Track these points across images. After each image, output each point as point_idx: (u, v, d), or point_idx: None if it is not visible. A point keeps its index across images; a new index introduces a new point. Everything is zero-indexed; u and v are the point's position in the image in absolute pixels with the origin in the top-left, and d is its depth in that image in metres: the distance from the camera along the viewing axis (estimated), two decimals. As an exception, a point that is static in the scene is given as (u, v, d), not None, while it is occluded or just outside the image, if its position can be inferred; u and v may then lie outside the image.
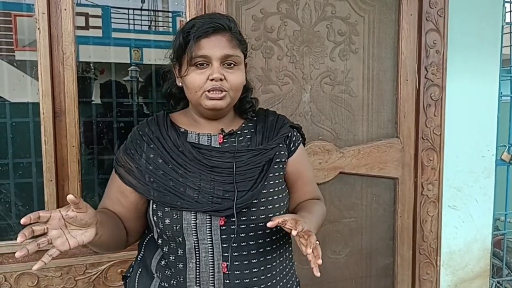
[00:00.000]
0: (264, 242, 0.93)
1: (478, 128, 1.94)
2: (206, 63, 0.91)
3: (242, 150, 0.95)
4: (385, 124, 1.75)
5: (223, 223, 0.90)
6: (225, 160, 0.93)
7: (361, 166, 1.70)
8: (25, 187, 1.49)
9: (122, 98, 1.74)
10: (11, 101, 1.55)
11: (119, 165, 0.96)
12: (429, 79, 1.75)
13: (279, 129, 1.01)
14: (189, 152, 0.93)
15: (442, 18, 1.74)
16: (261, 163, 0.95)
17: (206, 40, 0.91)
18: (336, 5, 1.63)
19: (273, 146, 0.98)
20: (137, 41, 1.84)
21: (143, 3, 1.90)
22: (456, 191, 1.94)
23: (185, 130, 0.98)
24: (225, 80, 0.91)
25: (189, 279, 0.91)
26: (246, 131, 1.01)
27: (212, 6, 1.46)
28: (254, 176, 0.93)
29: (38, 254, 1.37)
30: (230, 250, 0.90)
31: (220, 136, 0.97)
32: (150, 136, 0.96)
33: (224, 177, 0.92)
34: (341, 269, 1.74)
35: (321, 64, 1.63)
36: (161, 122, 0.98)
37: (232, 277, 0.90)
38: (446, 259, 1.93)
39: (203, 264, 0.90)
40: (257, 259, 0.92)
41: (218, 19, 0.93)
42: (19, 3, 1.53)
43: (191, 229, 0.89)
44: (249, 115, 1.03)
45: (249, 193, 0.90)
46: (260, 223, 0.91)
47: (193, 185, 0.91)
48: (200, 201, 0.89)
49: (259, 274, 0.92)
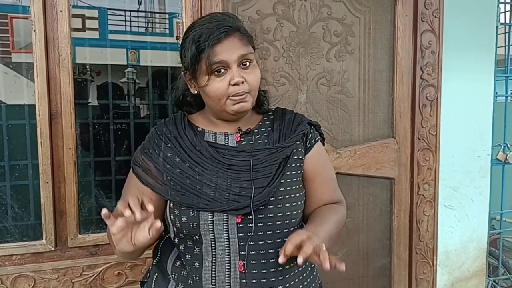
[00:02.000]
0: (281, 242, 0.91)
1: (474, 128, 1.95)
2: (224, 68, 0.91)
3: (259, 148, 0.95)
4: (381, 124, 1.76)
5: (240, 221, 0.89)
6: (242, 159, 0.93)
7: (357, 166, 1.71)
8: (21, 189, 1.49)
9: (119, 100, 1.74)
10: (7, 103, 1.55)
11: (136, 165, 0.96)
12: (425, 79, 1.76)
13: (296, 126, 1.00)
14: (206, 150, 0.94)
15: (438, 19, 1.75)
16: (278, 160, 0.94)
17: (220, 46, 0.90)
18: (332, 6, 1.64)
19: (290, 144, 0.97)
20: (133, 43, 1.84)
21: (140, 4, 1.90)
22: (452, 190, 1.95)
23: (202, 129, 0.99)
24: (246, 82, 0.91)
25: (205, 278, 0.91)
26: (263, 129, 1.01)
27: (208, 8, 1.47)
28: (271, 173, 0.92)
29: (34, 256, 1.37)
30: (247, 248, 0.89)
31: (237, 135, 0.97)
32: (167, 135, 0.97)
33: (241, 174, 0.92)
34: (338, 269, 1.75)
35: (317, 65, 1.64)
36: (179, 122, 0.99)
37: (249, 277, 0.89)
38: (442, 258, 1.94)
39: (219, 263, 0.90)
40: (274, 259, 0.90)
41: (224, 21, 0.93)
42: (15, 5, 1.53)
43: (208, 227, 0.89)
44: (265, 108, 1.03)
45: (266, 189, 0.90)
46: (278, 221, 0.91)
47: (209, 183, 0.91)
48: (217, 199, 0.89)
49: (277, 274, 0.91)
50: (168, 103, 1.74)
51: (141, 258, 1.46)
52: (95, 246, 1.43)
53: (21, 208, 1.49)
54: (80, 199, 1.43)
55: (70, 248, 1.41)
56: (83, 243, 1.41)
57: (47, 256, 1.38)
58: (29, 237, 1.42)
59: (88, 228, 1.45)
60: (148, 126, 1.73)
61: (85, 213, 1.52)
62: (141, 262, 1.46)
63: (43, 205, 1.36)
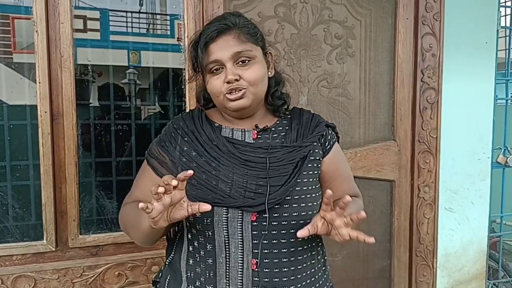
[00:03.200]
0: (295, 242, 0.91)
1: (474, 131, 1.96)
2: (221, 67, 0.92)
3: (276, 146, 0.95)
4: (382, 126, 1.76)
5: (254, 219, 0.89)
6: (259, 155, 0.93)
7: (358, 168, 1.71)
8: (22, 189, 1.49)
9: (120, 100, 1.75)
10: (9, 104, 1.55)
11: (152, 157, 0.96)
12: (425, 82, 1.76)
13: (314, 127, 1.00)
14: (223, 145, 0.94)
15: (438, 22, 1.76)
16: (295, 159, 0.94)
17: (214, 45, 0.92)
18: (333, 9, 1.64)
19: (308, 144, 0.97)
20: (135, 44, 1.85)
21: (141, 6, 1.91)
22: (452, 193, 1.95)
23: (219, 124, 0.99)
24: (241, 78, 0.91)
25: (219, 274, 0.91)
26: (280, 128, 1.01)
27: (210, 9, 1.47)
28: (288, 171, 0.92)
29: (35, 257, 1.37)
30: (260, 246, 0.89)
31: (254, 132, 0.97)
32: (184, 129, 0.97)
33: (258, 171, 0.91)
34: (338, 272, 1.75)
35: (318, 67, 1.64)
36: (196, 117, 0.99)
37: (261, 275, 0.89)
38: (442, 261, 1.94)
39: (232, 260, 0.90)
40: (287, 258, 0.91)
41: (223, 20, 0.94)
42: (17, 6, 1.54)
43: (222, 223, 0.89)
44: (281, 113, 1.03)
45: (282, 188, 0.90)
46: (292, 221, 0.91)
47: (226, 179, 0.91)
48: (232, 195, 0.89)
49: (289, 274, 0.91)
50: (169, 104, 1.74)
51: (141, 259, 1.46)
52: (95, 247, 1.43)
53: (22, 208, 1.50)
54: (81, 200, 1.43)
55: (70, 249, 1.41)
56: (83, 243, 1.41)
57: (48, 257, 1.39)
58: (30, 237, 1.42)
59: (89, 228, 1.45)
60: (149, 127, 1.74)
61: (86, 213, 1.52)
62: (141, 263, 1.46)
63: (44, 206, 1.36)
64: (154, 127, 1.67)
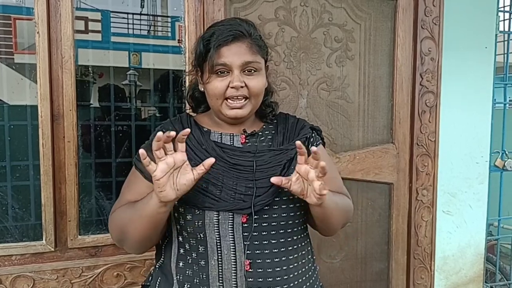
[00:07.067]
0: (285, 242, 0.94)
1: (473, 135, 1.96)
2: (227, 71, 0.93)
3: (263, 150, 0.97)
4: (381, 129, 1.77)
5: (245, 221, 0.91)
6: (247, 159, 0.95)
7: (356, 171, 1.72)
8: (22, 189, 1.50)
9: (120, 102, 1.75)
10: (9, 104, 1.56)
11: (140, 161, 0.95)
12: (424, 85, 1.77)
13: (299, 130, 1.03)
14: (213, 149, 0.95)
15: (437, 26, 1.77)
16: (282, 161, 0.96)
17: (226, 48, 0.93)
18: (333, 12, 1.65)
19: (294, 146, 0.97)
20: (136, 46, 1.86)
21: (143, 8, 1.92)
22: (450, 196, 1.95)
23: (208, 129, 1.00)
24: (246, 87, 0.93)
25: (212, 276, 0.92)
26: (267, 132, 1.03)
27: (210, 12, 1.48)
28: (276, 173, 0.94)
29: (34, 257, 1.38)
30: (252, 247, 0.91)
31: (243, 137, 0.99)
32: None
33: (247, 174, 0.93)
34: (336, 274, 1.75)
35: (317, 70, 1.65)
36: (185, 122, 1.01)
37: (255, 275, 0.91)
38: (440, 264, 1.95)
39: (225, 261, 0.91)
40: (279, 258, 0.93)
41: (238, 26, 0.95)
42: (18, 7, 1.55)
43: (213, 226, 0.90)
44: (268, 119, 1.05)
45: (271, 189, 0.92)
46: (282, 221, 0.93)
47: (216, 182, 0.92)
48: (223, 198, 0.90)
49: (282, 273, 0.93)
50: (170, 106, 1.75)
51: (140, 260, 1.46)
52: (94, 247, 1.43)
53: (21, 208, 1.50)
54: (80, 200, 1.43)
55: (69, 249, 1.41)
56: (82, 244, 1.42)
57: (47, 257, 1.39)
58: (29, 237, 1.43)
59: (88, 229, 1.46)
60: (149, 128, 1.74)
61: (85, 214, 1.52)
62: (140, 264, 1.47)
63: (43, 206, 1.36)
64: (154, 128, 1.67)
